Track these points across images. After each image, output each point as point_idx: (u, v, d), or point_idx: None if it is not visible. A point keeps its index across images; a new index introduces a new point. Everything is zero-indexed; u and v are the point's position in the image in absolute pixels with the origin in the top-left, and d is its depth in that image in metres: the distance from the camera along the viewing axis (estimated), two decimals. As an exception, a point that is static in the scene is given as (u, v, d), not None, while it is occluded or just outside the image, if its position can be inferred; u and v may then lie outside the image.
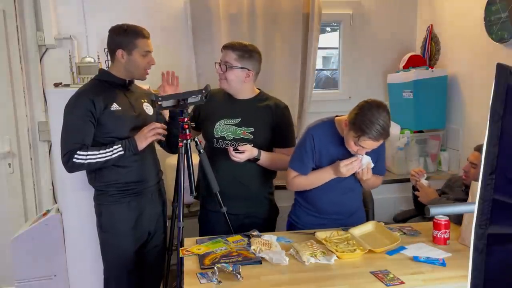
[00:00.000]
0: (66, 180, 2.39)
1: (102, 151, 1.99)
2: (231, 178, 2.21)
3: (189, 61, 3.09)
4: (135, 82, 2.23)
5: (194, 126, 2.30)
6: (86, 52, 2.95)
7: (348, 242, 1.89)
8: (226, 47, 2.19)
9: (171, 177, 2.36)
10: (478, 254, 0.75)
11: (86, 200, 2.23)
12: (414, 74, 3.12)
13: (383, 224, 2.09)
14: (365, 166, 1.99)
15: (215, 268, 1.61)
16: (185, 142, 2.05)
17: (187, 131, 2.04)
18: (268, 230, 2.20)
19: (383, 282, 1.59)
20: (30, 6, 2.91)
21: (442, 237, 1.93)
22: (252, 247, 1.82)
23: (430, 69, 3.18)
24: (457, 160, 3.17)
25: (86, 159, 1.97)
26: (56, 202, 2.92)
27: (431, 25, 3.34)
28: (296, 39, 3.18)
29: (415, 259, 1.78)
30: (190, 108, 2.13)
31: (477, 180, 0.75)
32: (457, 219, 2.04)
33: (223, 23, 3.07)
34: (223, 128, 2.22)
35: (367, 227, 2.05)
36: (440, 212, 1.24)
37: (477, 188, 0.74)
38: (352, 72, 3.50)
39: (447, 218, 1.94)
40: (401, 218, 2.70)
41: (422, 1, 3.48)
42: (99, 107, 2.00)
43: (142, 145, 2.04)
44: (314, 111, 3.25)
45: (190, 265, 1.75)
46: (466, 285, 0.77)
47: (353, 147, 1.93)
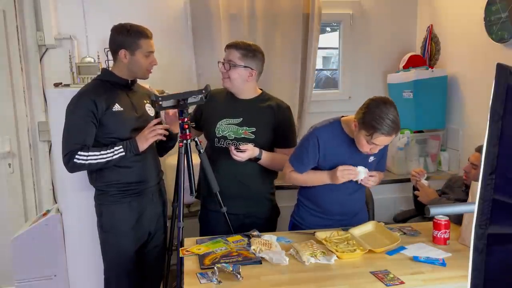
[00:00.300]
0: (66, 180, 2.40)
1: (103, 152, 1.99)
2: (232, 177, 2.21)
3: (189, 61, 3.09)
4: (138, 82, 2.23)
5: (195, 126, 2.31)
6: (86, 52, 2.95)
7: (348, 242, 1.89)
8: (230, 46, 2.19)
9: (171, 177, 2.36)
10: (478, 254, 0.75)
11: (86, 200, 2.23)
12: (414, 74, 3.12)
13: (383, 224, 2.09)
14: (362, 177, 2.01)
15: (215, 268, 1.61)
16: (185, 142, 2.05)
17: (187, 131, 2.04)
18: (268, 230, 2.19)
19: (383, 282, 1.60)
20: (30, 6, 2.91)
21: (442, 237, 1.93)
22: (252, 247, 1.82)
23: (430, 69, 3.18)
24: (457, 160, 3.17)
25: (87, 160, 1.97)
26: (56, 202, 2.92)
27: (431, 25, 3.34)
28: (296, 39, 3.18)
29: (415, 259, 1.78)
30: (190, 108, 2.13)
31: (477, 180, 0.75)
32: (457, 219, 2.04)
33: (223, 24, 3.08)
34: (225, 127, 2.22)
35: (367, 227, 2.05)
36: (440, 212, 1.24)
37: (477, 188, 0.74)
38: (352, 72, 3.50)
39: (447, 218, 1.94)
40: (401, 218, 2.70)
41: (422, 1, 3.48)
42: (101, 108, 2.00)
43: (143, 146, 2.04)
44: (314, 111, 3.25)
45: (190, 265, 1.75)
46: (466, 285, 0.77)
47: (365, 147, 1.93)
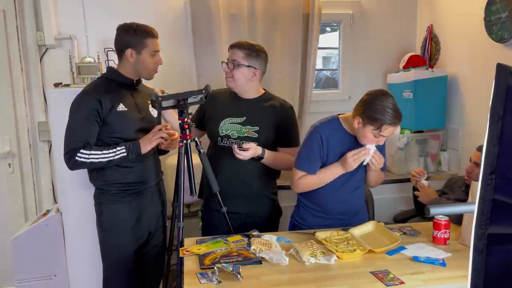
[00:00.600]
0: (66, 180, 2.40)
1: (105, 151, 1.99)
2: (235, 176, 2.22)
3: (189, 61, 3.09)
4: (143, 82, 2.23)
5: (198, 125, 2.33)
6: (86, 52, 2.95)
7: (348, 242, 1.89)
8: (234, 46, 2.20)
9: (171, 177, 2.36)
10: (478, 254, 0.75)
11: (86, 200, 2.22)
12: (414, 74, 3.12)
13: (383, 224, 2.09)
14: (372, 153, 1.99)
15: (215, 268, 1.61)
16: (185, 142, 2.05)
17: (187, 131, 2.04)
18: (270, 230, 2.19)
19: (383, 282, 1.59)
20: (30, 6, 2.91)
21: (442, 237, 1.93)
22: (252, 247, 1.82)
23: (430, 69, 3.18)
24: (457, 160, 3.17)
25: (89, 158, 1.97)
26: (56, 202, 2.92)
27: (431, 25, 3.34)
28: (296, 39, 3.18)
29: (415, 259, 1.78)
30: (191, 108, 2.13)
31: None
32: (457, 219, 2.04)
33: (223, 23, 3.07)
34: (228, 126, 2.22)
35: (367, 227, 2.05)
36: (440, 212, 1.24)
37: (477, 188, 0.74)
38: (352, 72, 3.50)
39: (447, 218, 1.94)
40: (401, 218, 2.70)
41: (422, 1, 3.48)
42: (106, 107, 1.99)
43: (146, 148, 2.04)
44: (314, 111, 3.25)
45: (190, 265, 1.75)
46: (466, 285, 0.77)
47: (372, 141, 1.94)
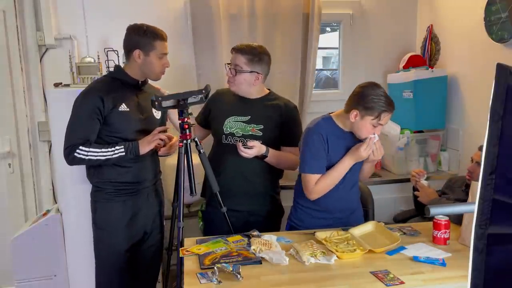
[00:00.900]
0: (66, 180, 2.40)
1: (103, 150, 2.00)
2: (238, 174, 2.23)
3: (189, 61, 3.09)
4: (150, 82, 2.23)
5: (204, 124, 2.36)
6: (86, 52, 2.94)
7: (348, 242, 1.89)
8: (236, 51, 2.21)
9: (171, 177, 2.36)
10: (478, 254, 0.75)
11: (86, 200, 2.22)
12: (414, 74, 3.12)
13: (383, 224, 2.09)
14: (377, 138, 2.02)
15: (215, 268, 1.61)
16: (185, 142, 2.05)
17: (187, 131, 2.04)
18: (272, 229, 2.19)
19: (383, 282, 1.59)
20: (30, 6, 2.91)
21: (442, 237, 1.93)
22: (252, 247, 1.82)
23: (430, 69, 3.18)
24: (457, 160, 3.17)
25: (87, 156, 1.98)
26: (56, 202, 2.92)
27: (431, 25, 3.34)
28: (296, 39, 3.18)
29: (415, 259, 1.78)
30: (191, 108, 2.13)
31: (481, 180, 0.75)
32: (457, 219, 2.04)
33: (223, 23, 3.07)
34: (233, 124, 2.24)
35: (367, 227, 2.05)
36: (440, 212, 1.24)
37: (477, 188, 0.74)
38: (352, 72, 3.49)
39: (447, 218, 1.94)
40: (401, 218, 2.70)
41: (422, 1, 3.48)
42: (108, 106, 2.01)
43: (145, 150, 2.05)
44: (314, 111, 3.24)
45: (190, 265, 1.75)
46: (466, 285, 0.77)
47: (370, 131, 1.98)
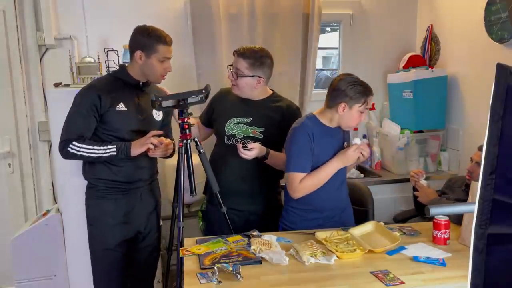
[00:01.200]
0: (66, 180, 2.40)
1: (96, 147, 2.01)
2: (239, 174, 2.25)
3: (189, 61, 3.09)
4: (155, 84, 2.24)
5: (207, 123, 2.37)
6: (86, 52, 2.94)
7: (348, 242, 1.89)
8: (238, 55, 2.21)
9: (171, 177, 2.36)
10: (478, 254, 0.75)
11: (86, 200, 2.23)
12: (414, 74, 3.12)
13: (383, 224, 2.09)
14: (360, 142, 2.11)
15: (215, 268, 1.61)
16: (185, 142, 2.05)
17: (187, 131, 2.05)
18: (272, 229, 2.19)
19: (383, 282, 1.59)
20: (30, 6, 2.91)
21: (442, 237, 1.93)
22: (252, 247, 1.82)
23: (430, 69, 3.18)
24: (457, 160, 3.17)
25: (79, 151, 2.00)
26: (56, 202, 2.92)
27: (431, 25, 3.34)
28: (296, 39, 3.18)
29: (415, 259, 1.78)
30: (191, 108, 2.13)
31: (481, 180, 0.75)
32: (457, 219, 2.04)
33: (223, 23, 3.07)
34: (234, 126, 2.25)
35: (367, 227, 2.05)
36: (440, 212, 1.24)
37: (477, 188, 0.74)
38: (352, 72, 3.40)
39: (447, 218, 1.94)
40: (401, 218, 2.70)
41: (422, 1, 3.48)
42: (105, 104, 2.02)
43: (136, 152, 2.04)
44: (314, 111, 3.24)
45: (190, 265, 1.75)
46: (466, 285, 0.77)
47: (358, 119, 2.05)
